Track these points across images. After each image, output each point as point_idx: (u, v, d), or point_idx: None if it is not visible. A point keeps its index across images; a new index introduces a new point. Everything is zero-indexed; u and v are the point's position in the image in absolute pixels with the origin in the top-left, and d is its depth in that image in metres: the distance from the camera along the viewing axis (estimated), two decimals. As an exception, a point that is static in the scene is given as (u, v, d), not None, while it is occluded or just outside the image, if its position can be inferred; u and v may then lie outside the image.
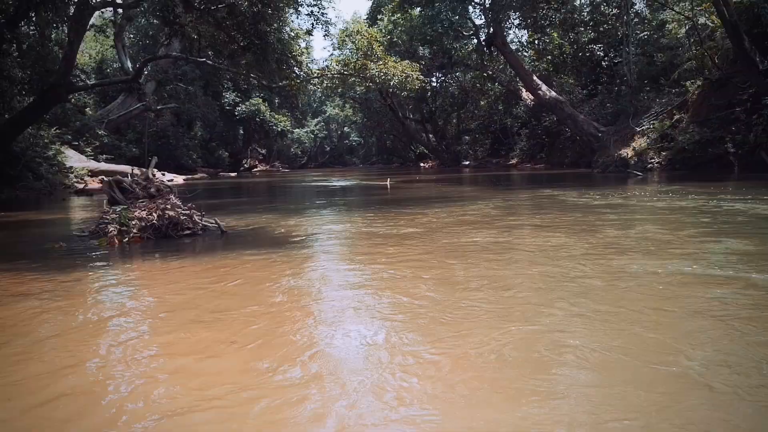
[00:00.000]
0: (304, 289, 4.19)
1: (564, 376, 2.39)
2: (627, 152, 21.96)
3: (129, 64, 28.86)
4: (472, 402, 2.16)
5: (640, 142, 21.82)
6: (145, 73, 27.03)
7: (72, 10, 18.35)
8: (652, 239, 5.70)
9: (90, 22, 21.10)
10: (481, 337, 2.86)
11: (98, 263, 5.24)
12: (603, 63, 34.58)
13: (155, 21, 30.25)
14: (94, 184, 19.42)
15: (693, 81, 21.81)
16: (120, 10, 26.51)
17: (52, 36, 22.32)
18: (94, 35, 32.98)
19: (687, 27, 24.47)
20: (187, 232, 6.68)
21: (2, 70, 17.51)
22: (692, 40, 23.92)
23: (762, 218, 7.10)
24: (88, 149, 25.17)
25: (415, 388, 2.28)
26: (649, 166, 20.43)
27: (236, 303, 3.71)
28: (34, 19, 17.82)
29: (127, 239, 6.24)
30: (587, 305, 3.38)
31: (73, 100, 25.31)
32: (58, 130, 20.97)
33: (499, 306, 3.45)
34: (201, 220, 6.98)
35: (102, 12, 25.97)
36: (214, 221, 7.08)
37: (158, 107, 33.21)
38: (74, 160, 21.29)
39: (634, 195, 11.22)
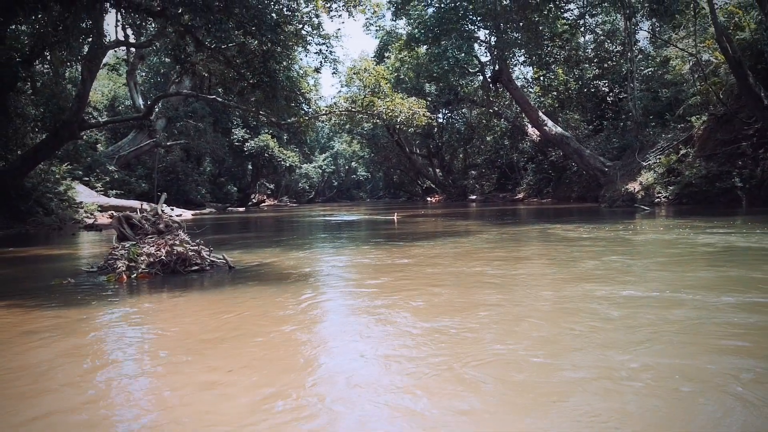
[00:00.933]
0: (303, 321, 4.26)
1: (527, 395, 2.54)
2: (634, 187, 21.98)
3: (140, 102, 29.39)
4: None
5: (646, 177, 21.86)
6: (156, 110, 27.54)
7: (86, 49, 18.81)
8: (618, 269, 6.17)
9: (103, 61, 21.59)
10: (455, 360, 3.08)
11: (106, 299, 5.26)
12: (608, 99, 34.93)
13: (167, 60, 30.94)
14: (103, 219, 19.59)
15: (698, 116, 21.94)
16: (133, 49, 27.16)
17: (66, 74, 22.83)
18: (107, 73, 33.73)
19: (691, 63, 24.74)
20: (195, 267, 6.70)
21: (16, 107, 17.87)
22: (696, 76, 24.16)
23: (730, 250, 7.49)
24: (98, 185, 25.48)
25: (404, 418, 2.35)
26: (657, 200, 20.41)
27: (238, 335, 3.74)
28: (48, 57, 18.26)
29: (135, 275, 6.27)
30: (543, 326, 3.81)
31: (84, 136, 25.72)
32: (69, 166, 21.26)
33: (467, 330, 3.75)
34: (209, 255, 7.01)
35: (115, 51, 26.61)
36: (221, 257, 7.11)
37: (168, 143, 33.71)
38: (84, 195, 21.53)
39: (625, 229, 11.43)
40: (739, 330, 3.52)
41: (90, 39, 18.17)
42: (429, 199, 51.00)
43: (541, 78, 38.32)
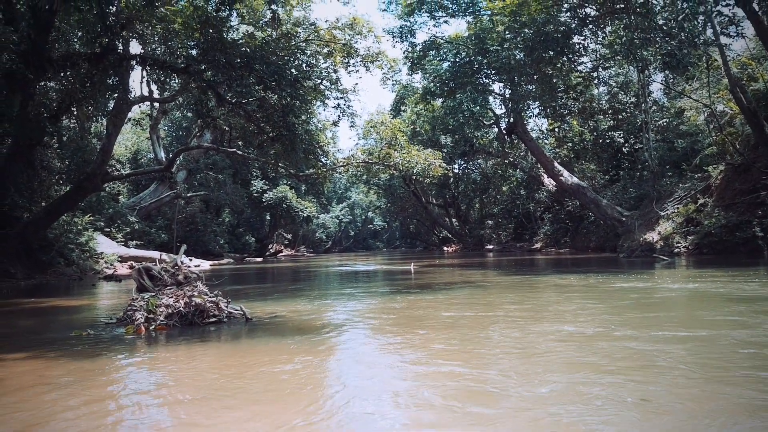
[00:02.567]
0: (316, 374, 4.33)
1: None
2: (652, 236, 21.77)
3: (162, 155, 30.06)
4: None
5: (665, 227, 21.67)
6: (178, 162, 28.14)
7: (112, 104, 19.45)
8: (582, 312, 6.82)
9: (127, 115, 22.23)
10: (433, 389, 3.52)
11: (124, 352, 5.29)
12: (623, 149, 34.98)
13: (189, 114, 31.80)
14: (123, 269, 19.78)
15: (715, 166, 21.87)
16: (156, 104, 28.00)
17: (92, 128, 23.52)
18: (131, 127, 34.65)
19: (705, 114, 24.84)
20: (213, 319, 6.74)
21: (42, 160, 18.40)
22: (712, 126, 24.19)
23: (698, 295, 8.15)
24: (119, 235, 25.81)
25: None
26: (676, 250, 20.15)
27: (252, 384, 3.79)
28: (75, 113, 18.87)
29: (153, 327, 6.31)
30: (498, 358, 4.57)
31: (107, 188, 26.27)
32: (91, 217, 21.63)
33: (435, 365, 4.48)
34: (227, 307, 7.04)
35: (139, 105, 27.42)
36: (239, 308, 7.14)
37: (188, 195, 34.26)
38: (105, 245, 21.82)
39: (617, 278, 11.78)
40: (653, 356, 4.27)
41: (116, 95, 18.81)
42: (446, 248, 50.88)
43: (556, 129, 38.59)
